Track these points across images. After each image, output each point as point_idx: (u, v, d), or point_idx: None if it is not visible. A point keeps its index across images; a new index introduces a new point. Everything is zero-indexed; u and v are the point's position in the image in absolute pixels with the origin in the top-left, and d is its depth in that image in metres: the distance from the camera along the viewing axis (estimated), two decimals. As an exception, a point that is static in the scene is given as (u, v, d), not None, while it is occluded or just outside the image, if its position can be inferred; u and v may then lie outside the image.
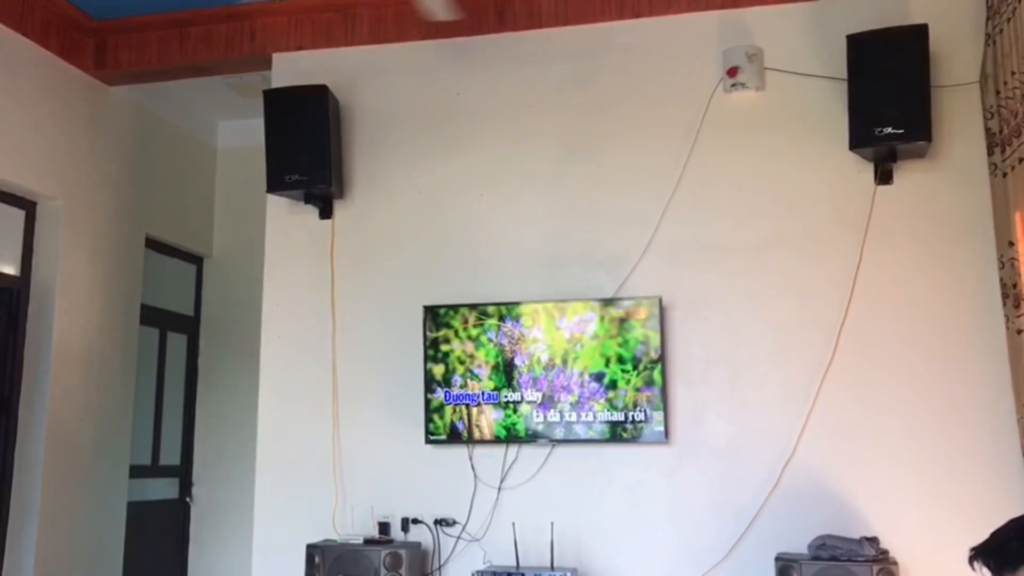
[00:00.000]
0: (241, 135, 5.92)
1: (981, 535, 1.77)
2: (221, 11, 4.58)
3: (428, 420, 4.03)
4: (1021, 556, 1.62)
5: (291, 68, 4.54)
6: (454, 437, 4.01)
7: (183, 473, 5.90)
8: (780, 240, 3.95)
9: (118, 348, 5.11)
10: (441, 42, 4.42)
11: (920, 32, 3.69)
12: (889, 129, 3.65)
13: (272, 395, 4.38)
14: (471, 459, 4.05)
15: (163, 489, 5.77)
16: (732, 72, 4.03)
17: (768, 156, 4.02)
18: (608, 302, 3.96)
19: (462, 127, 4.36)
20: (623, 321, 3.92)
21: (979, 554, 1.69)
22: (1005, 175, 3.54)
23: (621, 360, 3.90)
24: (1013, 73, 3.41)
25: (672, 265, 4.03)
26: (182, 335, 5.98)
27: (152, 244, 5.53)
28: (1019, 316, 3.41)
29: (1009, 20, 3.45)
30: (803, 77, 4.01)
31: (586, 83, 4.25)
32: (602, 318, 3.94)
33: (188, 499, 5.86)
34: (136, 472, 5.30)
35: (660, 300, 3.92)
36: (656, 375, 3.86)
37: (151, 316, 5.55)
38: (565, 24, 4.30)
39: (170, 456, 5.83)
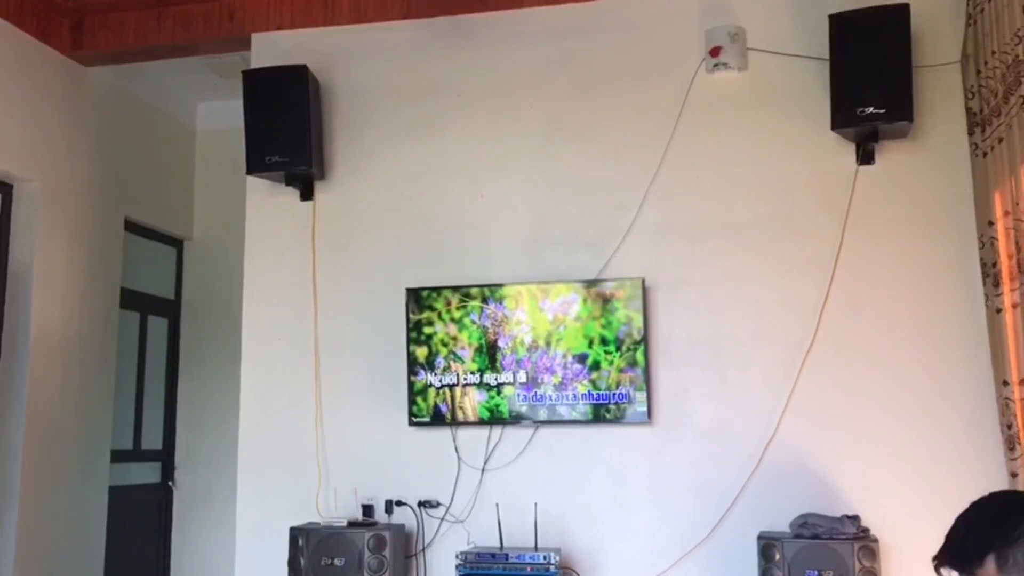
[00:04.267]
0: (221, 116, 5.85)
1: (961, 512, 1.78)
2: (199, -10, 4.53)
3: (411, 402, 4.03)
4: (980, 548, 1.62)
5: (271, 48, 4.49)
6: (437, 419, 4.01)
7: (165, 457, 5.87)
8: (762, 221, 3.96)
9: (98, 332, 5.06)
10: (422, 22, 4.39)
11: (902, 12, 3.69)
12: (871, 109, 3.66)
13: (254, 378, 4.36)
14: (455, 441, 4.05)
15: (145, 474, 5.74)
16: (714, 52, 4.02)
17: (750, 136, 4.02)
18: (591, 283, 3.96)
19: (444, 108, 4.33)
20: (606, 302, 3.92)
21: (942, 560, 1.69)
22: (985, 155, 3.56)
23: (604, 341, 3.90)
24: (993, 53, 3.41)
25: (655, 246, 4.03)
26: (163, 319, 5.94)
27: (131, 227, 5.48)
28: (999, 295, 3.43)
29: (990, 1, 3.45)
30: (785, 57, 4.00)
31: (568, 63, 4.23)
32: (585, 299, 3.93)
33: (171, 483, 5.83)
34: (118, 457, 5.28)
35: (643, 281, 3.92)
36: (639, 356, 3.87)
37: (131, 300, 5.51)
38: (547, 4, 4.27)
39: (152, 440, 5.80)
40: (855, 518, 3.52)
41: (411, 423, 4.03)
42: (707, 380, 3.92)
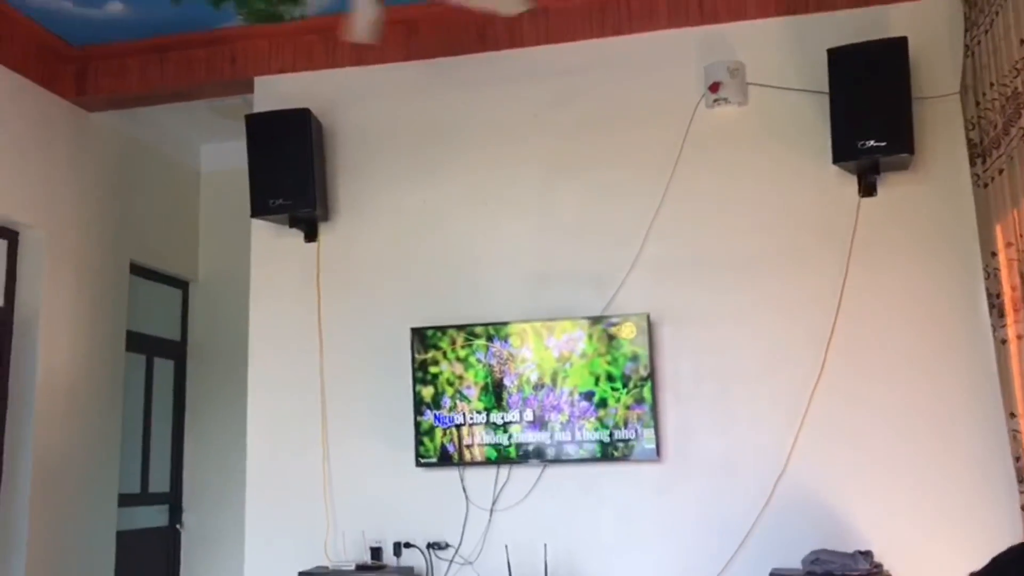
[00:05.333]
0: (225, 157, 5.88)
1: (973, 546, 1.77)
2: (201, 36, 4.56)
3: (418, 443, 4.01)
4: None
5: (273, 91, 4.53)
6: (445, 459, 3.99)
7: (173, 500, 5.85)
8: (766, 254, 3.96)
9: (104, 375, 5.06)
10: (423, 63, 4.42)
11: (900, 45, 3.71)
12: (871, 142, 3.67)
13: (260, 419, 4.35)
14: (462, 481, 4.03)
15: (153, 517, 5.72)
16: (714, 87, 4.04)
17: (752, 170, 4.03)
18: (596, 320, 3.96)
19: (446, 147, 4.35)
20: (612, 339, 3.91)
21: None
22: (986, 185, 3.56)
23: (611, 378, 3.89)
24: (992, 84, 3.43)
25: (659, 281, 4.03)
26: (169, 360, 5.94)
27: (137, 270, 5.50)
28: (1003, 326, 3.42)
29: (987, 32, 3.47)
30: (785, 91, 4.02)
31: (569, 101, 4.25)
32: (590, 336, 3.93)
33: (178, 526, 5.81)
34: (125, 500, 5.26)
35: (648, 317, 3.92)
36: (646, 392, 3.85)
37: (137, 342, 5.51)
38: (547, 43, 4.30)
39: (159, 483, 5.78)
40: (868, 553, 3.48)
41: (418, 464, 4.02)
42: (715, 415, 3.90)
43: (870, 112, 3.67)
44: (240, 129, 4.40)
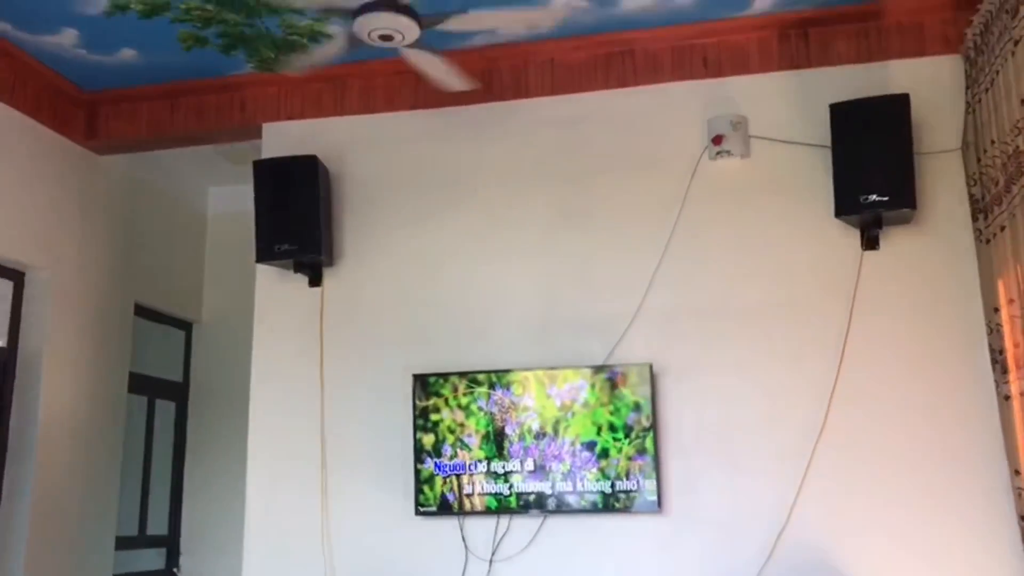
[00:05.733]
0: (231, 201, 5.94)
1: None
2: (211, 82, 4.62)
3: (418, 491, 3.99)
4: None
5: (281, 137, 4.57)
6: (444, 508, 3.97)
7: (171, 543, 5.81)
8: (769, 306, 3.96)
9: (106, 417, 5.06)
10: (430, 112, 4.47)
11: (902, 101, 3.75)
12: (874, 196, 3.69)
13: (260, 464, 4.33)
14: (462, 531, 4.00)
15: (150, 560, 5.67)
16: (717, 140, 4.08)
17: (755, 223, 4.05)
18: (599, 369, 3.95)
19: (451, 195, 4.39)
20: (614, 388, 3.91)
21: None
22: (988, 241, 3.58)
23: (613, 428, 3.88)
24: (993, 142, 3.46)
25: (662, 331, 4.03)
26: (170, 402, 5.94)
27: (141, 311, 5.52)
28: (1006, 382, 3.41)
29: (987, 90, 3.51)
30: (788, 145, 4.06)
31: (574, 151, 4.29)
32: (593, 385, 3.92)
33: (176, 570, 5.76)
34: (122, 543, 5.22)
35: (651, 367, 3.92)
36: (648, 443, 3.84)
37: (139, 384, 5.51)
38: (552, 94, 4.35)
39: (157, 526, 5.75)
40: (871, 611, 3.45)
41: (418, 512, 3.99)
42: (717, 467, 3.88)
43: (872, 167, 3.69)
44: (247, 173, 4.43)
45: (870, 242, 3.89)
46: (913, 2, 3.97)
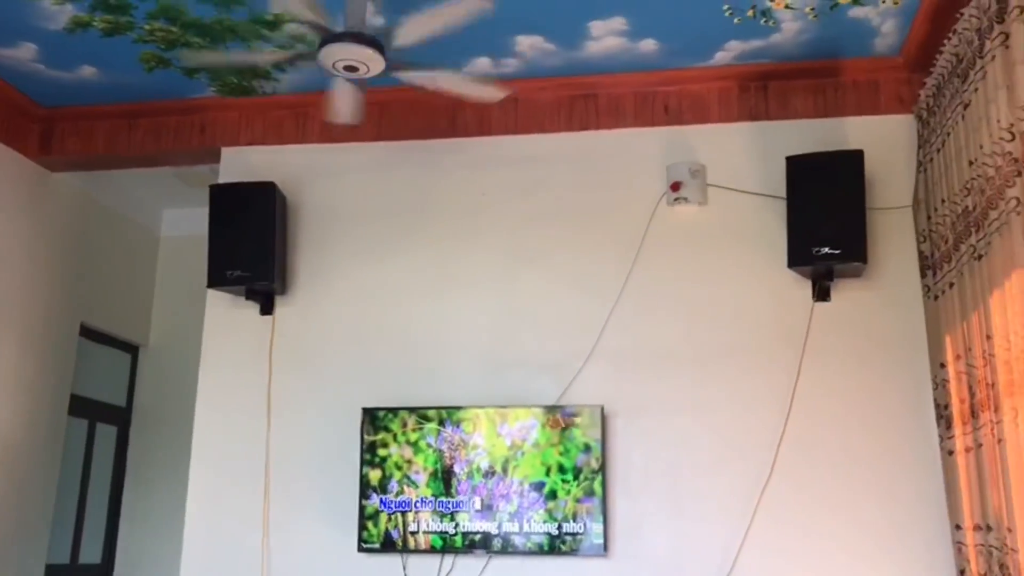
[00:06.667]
0: (186, 223, 5.86)
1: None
2: (172, 104, 4.57)
3: (362, 527, 3.92)
4: None
5: (240, 162, 4.53)
6: (388, 546, 3.90)
7: (104, 572, 5.63)
8: (721, 352, 3.99)
9: (43, 439, 4.91)
10: (391, 144, 4.46)
11: (856, 157, 3.83)
12: (826, 249, 3.75)
13: (201, 493, 4.23)
14: (404, 570, 3.94)
15: (81, 589, 5.50)
16: (675, 187, 4.12)
17: (710, 269, 4.08)
18: (551, 409, 3.94)
19: (409, 228, 4.37)
20: (565, 429, 3.89)
21: None
22: (937, 298, 3.64)
23: (562, 469, 3.86)
24: (943, 201, 3.54)
25: (615, 373, 4.03)
26: (112, 427, 5.79)
27: (87, 332, 5.39)
28: (951, 437, 3.46)
29: (939, 151, 3.60)
30: (744, 194, 4.11)
31: (534, 190, 4.31)
32: (544, 425, 3.90)
33: (107, 600, 5.59)
34: (53, 572, 5.05)
35: (602, 409, 3.91)
36: (596, 485, 3.82)
37: (80, 407, 5.37)
38: (515, 132, 4.37)
39: (91, 554, 5.57)
40: (812, 662, 3.44)
41: (360, 548, 3.92)
42: (664, 511, 3.87)
43: (826, 220, 3.76)
44: (203, 196, 4.38)
45: (821, 293, 3.95)
46: (870, 62, 4.07)
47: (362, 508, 3.93)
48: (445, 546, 3.87)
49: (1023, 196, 2.71)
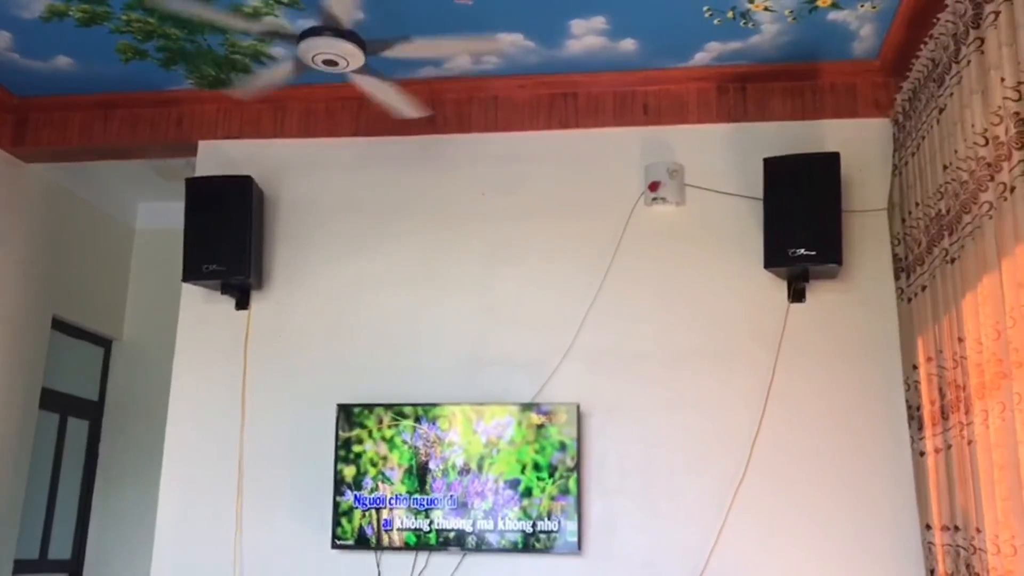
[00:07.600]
0: (161, 216, 5.80)
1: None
2: (149, 96, 4.53)
3: (336, 523, 3.91)
4: None
5: (217, 156, 4.50)
6: (362, 542, 3.89)
7: (73, 568, 5.57)
8: (697, 352, 4.01)
9: (12, 432, 4.85)
10: (370, 140, 4.44)
11: (833, 159, 3.85)
12: (802, 250, 3.77)
13: (173, 488, 4.20)
14: (378, 566, 3.93)
15: (51, 585, 5.44)
16: (653, 186, 4.13)
17: (687, 269, 4.10)
18: (527, 407, 3.94)
19: (387, 225, 4.35)
20: (540, 427, 3.89)
21: None
22: (910, 300, 3.68)
23: (537, 467, 3.86)
24: (917, 204, 3.57)
25: (591, 372, 4.04)
26: (83, 421, 5.73)
27: (59, 324, 5.33)
28: (922, 438, 3.50)
29: (913, 155, 3.63)
30: (721, 195, 4.13)
31: (513, 189, 4.30)
32: (520, 423, 3.91)
33: (77, 596, 5.53)
34: (21, 567, 4.99)
35: (578, 407, 3.92)
36: (571, 483, 3.83)
37: (51, 400, 5.31)
38: (495, 131, 4.37)
39: (61, 550, 5.51)
40: (783, 661, 3.47)
41: (334, 545, 3.90)
42: (638, 510, 3.88)
43: (802, 221, 3.78)
44: (179, 190, 4.33)
45: (797, 294, 3.98)
46: (847, 65, 4.10)
47: (336, 504, 3.92)
48: (419, 543, 3.86)
49: (996, 201, 2.74)
